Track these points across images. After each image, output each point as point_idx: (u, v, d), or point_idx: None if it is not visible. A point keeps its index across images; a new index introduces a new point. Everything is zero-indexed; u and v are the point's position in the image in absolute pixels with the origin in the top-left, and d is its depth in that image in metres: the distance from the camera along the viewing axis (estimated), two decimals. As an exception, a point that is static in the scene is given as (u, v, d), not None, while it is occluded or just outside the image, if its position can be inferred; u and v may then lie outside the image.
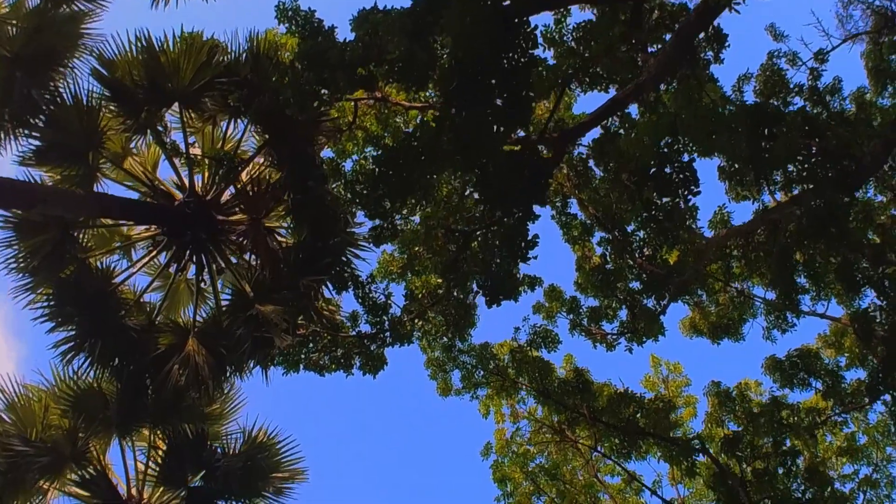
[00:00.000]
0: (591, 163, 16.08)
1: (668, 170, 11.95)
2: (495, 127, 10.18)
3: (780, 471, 15.04)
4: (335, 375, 16.45)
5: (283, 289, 14.44)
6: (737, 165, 13.34)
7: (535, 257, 12.38)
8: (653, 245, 15.62)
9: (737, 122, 11.28)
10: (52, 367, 14.95)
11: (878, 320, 13.59)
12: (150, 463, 15.01)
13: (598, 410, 15.80)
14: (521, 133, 12.63)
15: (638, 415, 15.52)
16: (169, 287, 16.36)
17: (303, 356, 16.08)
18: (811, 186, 11.73)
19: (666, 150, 11.91)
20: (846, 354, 17.16)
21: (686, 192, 11.40)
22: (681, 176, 11.99)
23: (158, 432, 15.03)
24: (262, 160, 15.67)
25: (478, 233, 13.60)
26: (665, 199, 14.47)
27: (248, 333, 14.24)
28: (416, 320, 15.66)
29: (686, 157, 12.26)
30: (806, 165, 11.07)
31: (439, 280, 15.38)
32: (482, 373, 17.39)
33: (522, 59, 10.35)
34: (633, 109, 14.76)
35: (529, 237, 12.28)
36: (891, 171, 15.49)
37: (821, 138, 11.00)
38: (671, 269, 15.05)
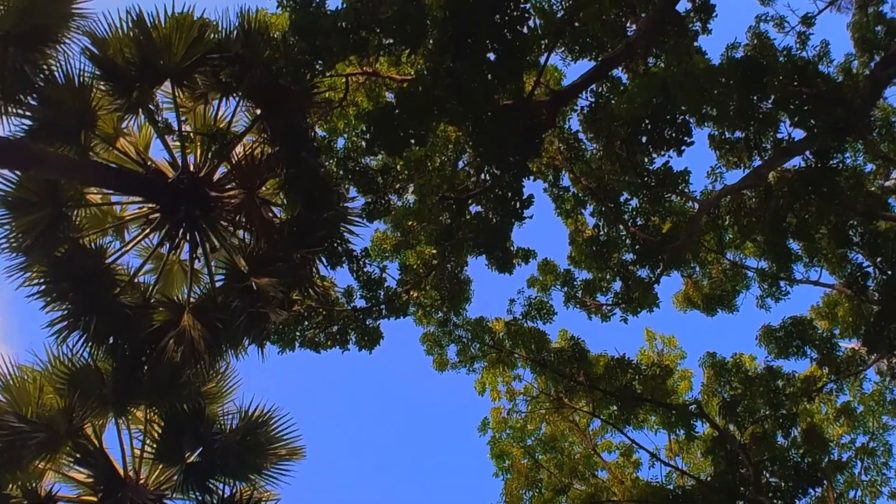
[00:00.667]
0: (583, 137, 16.17)
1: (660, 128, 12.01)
2: (489, 76, 10.25)
3: (779, 437, 15.08)
4: (331, 355, 16.43)
5: (277, 261, 14.45)
6: (727, 126, 13.42)
7: (531, 217, 12.44)
8: (645, 213, 15.76)
9: (728, 75, 11.38)
10: (46, 347, 14.90)
11: (872, 275, 13.67)
12: (147, 441, 14.92)
13: (594, 378, 15.80)
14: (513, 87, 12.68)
15: (634, 382, 15.54)
16: (161, 268, 16.31)
17: (298, 334, 16.03)
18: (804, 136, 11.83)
19: (658, 108, 11.97)
20: (839, 325, 17.22)
21: (680, 146, 11.46)
22: (672, 133, 12.09)
23: (155, 411, 14.93)
24: (254, 139, 15.73)
25: (471, 198, 13.63)
26: (657, 165, 14.66)
27: (243, 306, 14.21)
28: (411, 291, 15.66)
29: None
30: (797, 111, 11.16)
31: (433, 251, 15.41)
32: (478, 346, 17.39)
33: (515, 12, 10.46)
34: (624, 78, 14.90)
35: (524, 196, 12.31)
36: (880, 138, 15.65)
37: (811, 86, 11.11)
38: (664, 237, 15.13)
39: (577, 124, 16.13)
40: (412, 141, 11.37)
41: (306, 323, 16.08)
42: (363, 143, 16.07)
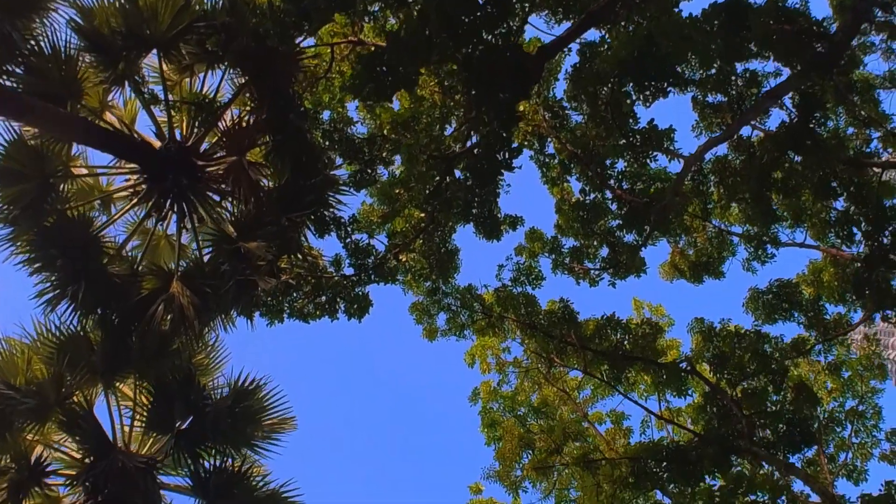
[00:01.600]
0: (567, 105, 16.34)
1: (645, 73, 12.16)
2: (478, 13, 10.37)
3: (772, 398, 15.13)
4: (322, 328, 16.45)
5: (266, 225, 14.47)
6: (711, 84, 13.58)
7: (520, 167, 12.52)
8: (631, 177, 15.92)
9: (711, 18, 11.56)
10: (34, 319, 14.80)
11: (858, 222, 13.80)
12: (137, 410, 14.82)
13: (585, 339, 15.85)
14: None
15: (625, 341, 15.61)
16: (148, 242, 16.27)
17: (286, 305, 16.01)
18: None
19: (643, 55, 12.13)
20: (825, 290, 17.35)
21: (665, 91, 11.62)
22: (654, 83, 12.25)
23: (144, 382, 14.83)
24: (240, 111, 15.78)
25: (459, 158, 13.71)
26: (642, 125, 14.84)
27: (232, 270, 14.18)
28: (399, 256, 15.70)
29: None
30: (780, 46, 11.34)
31: (422, 215, 15.48)
32: (467, 315, 17.41)
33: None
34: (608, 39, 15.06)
35: (512, 147, 12.41)
36: (861, 102, 15.89)
37: (793, 23, 11.32)
38: (650, 198, 15.28)
39: (562, 92, 16.36)
40: (400, 85, 11.45)
41: (295, 294, 16.06)
42: (349, 114, 16.28)
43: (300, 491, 15.14)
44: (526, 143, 16.23)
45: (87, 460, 14.00)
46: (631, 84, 12.46)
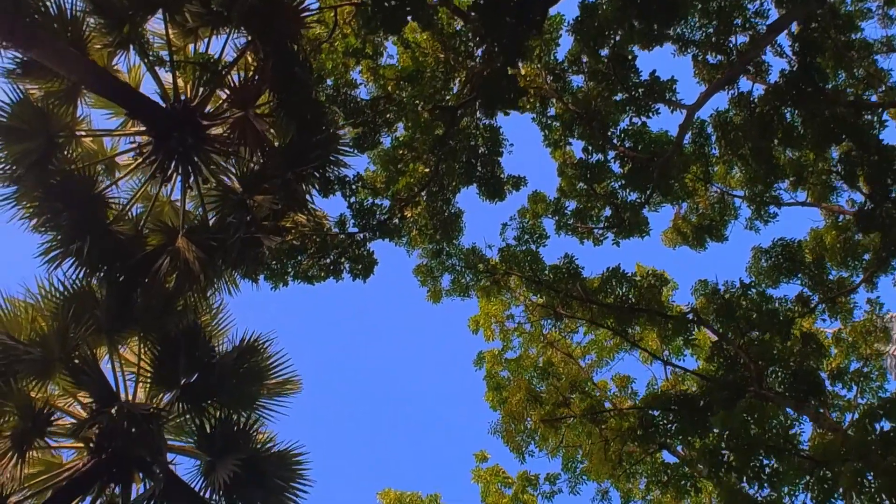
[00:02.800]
0: (569, 68, 16.46)
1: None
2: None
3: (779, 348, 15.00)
4: (327, 295, 16.41)
5: (271, 178, 14.51)
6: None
7: (524, 106, 12.54)
8: (633, 136, 16.01)
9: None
10: (38, 279, 14.73)
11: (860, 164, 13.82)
12: (143, 366, 14.71)
13: (590, 292, 15.80)
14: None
15: (630, 294, 15.56)
16: (151, 206, 16.26)
17: (290, 268, 15.98)
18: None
19: None
20: (828, 253, 17.35)
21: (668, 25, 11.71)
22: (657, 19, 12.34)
23: (149, 339, 14.72)
24: (243, 73, 15.84)
25: (463, 107, 13.78)
26: (644, 78, 14.97)
27: (238, 222, 14.21)
28: (404, 210, 15.71)
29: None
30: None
31: (427, 170, 15.52)
32: (471, 277, 17.37)
33: None
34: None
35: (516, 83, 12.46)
36: (858, 56, 16.04)
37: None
38: (652, 155, 15.37)
39: (563, 55, 16.50)
40: (410, 17, 11.55)
41: (300, 257, 16.03)
42: (352, 77, 16.38)
43: (308, 453, 14.94)
44: (528, 106, 16.33)
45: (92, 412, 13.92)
46: (634, 21, 12.55)
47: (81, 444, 14.88)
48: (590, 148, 16.12)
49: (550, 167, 17.40)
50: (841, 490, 10.88)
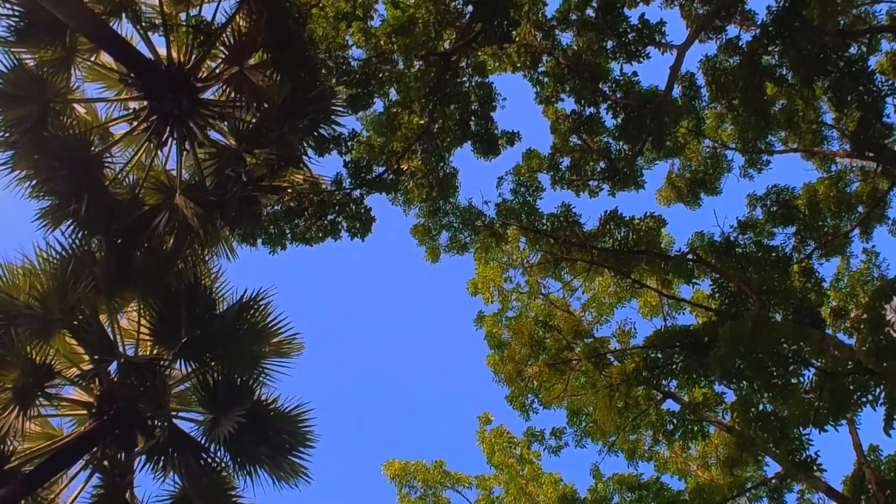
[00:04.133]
0: (557, 25, 16.53)
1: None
2: None
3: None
4: (326, 254, 16.23)
5: (268, 133, 14.45)
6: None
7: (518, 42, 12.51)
8: (625, 86, 16.06)
9: None
10: (35, 245, 14.58)
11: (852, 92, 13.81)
12: (144, 325, 14.54)
13: (589, 236, 15.70)
14: None
15: (629, 237, 15.45)
16: (148, 170, 16.13)
17: (288, 231, 15.87)
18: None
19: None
20: (822, 202, 17.35)
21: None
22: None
23: (150, 298, 14.54)
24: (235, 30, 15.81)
25: (455, 53, 13.79)
26: (633, 22, 15.07)
27: (236, 176, 14.10)
28: (400, 162, 15.64)
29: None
30: None
31: (422, 122, 15.49)
32: (468, 235, 17.22)
33: None
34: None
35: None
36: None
37: None
38: (645, 100, 15.42)
39: (552, 13, 16.58)
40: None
41: (297, 220, 15.90)
42: (344, 39, 16.38)
43: (313, 415, 14.71)
44: (519, 63, 16.36)
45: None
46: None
47: (84, 411, 14.70)
48: (582, 101, 16.14)
49: (543, 128, 17.38)
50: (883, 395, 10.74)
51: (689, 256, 15.39)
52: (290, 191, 15.67)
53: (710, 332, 13.84)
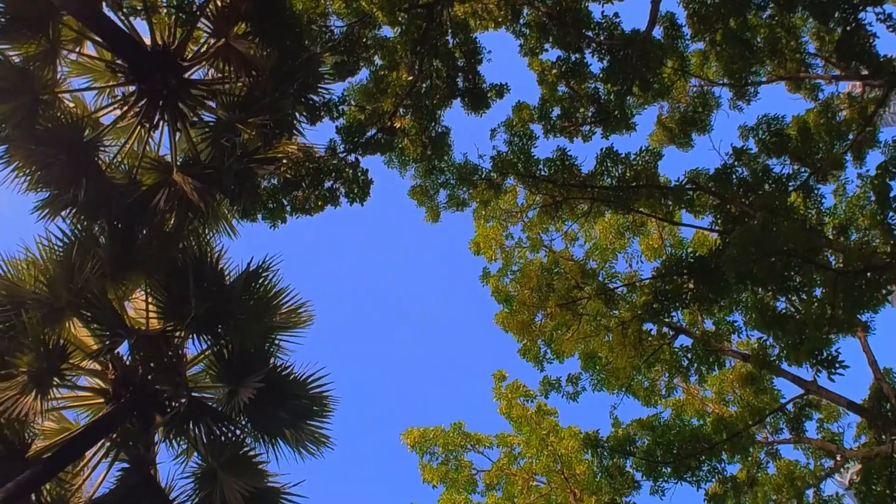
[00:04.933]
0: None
1: None
2: None
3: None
4: (325, 224, 16.17)
5: (260, 100, 14.41)
6: None
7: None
8: (608, 27, 16.09)
9: None
10: (36, 238, 14.44)
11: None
12: (152, 302, 14.43)
13: (587, 177, 15.67)
14: None
15: (627, 174, 15.42)
16: (142, 153, 16.05)
17: (287, 203, 15.82)
18: None
19: None
20: (813, 131, 17.37)
21: None
22: None
23: (156, 277, 14.44)
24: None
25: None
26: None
27: (231, 146, 14.07)
28: (392, 120, 15.62)
29: None
30: None
31: (410, 77, 15.48)
32: (466, 190, 17.19)
33: None
34: None
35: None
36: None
37: None
38: (628, 42, 15.46)
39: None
40: None
41: (295, 192, 15.86)
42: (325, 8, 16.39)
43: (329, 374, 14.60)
44: (500, 17, 16.37)
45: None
46: None
47: (101, 400, 14.55)
48: (568, 48, 16.16)
49: (530, 83, 17.36)
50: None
51: (688, 187, 15.35)
52: (285, 161, 15.59)
53: (717, 257, 13.81)
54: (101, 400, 14.46)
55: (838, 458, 20.23)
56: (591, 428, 18.74)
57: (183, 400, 13.20)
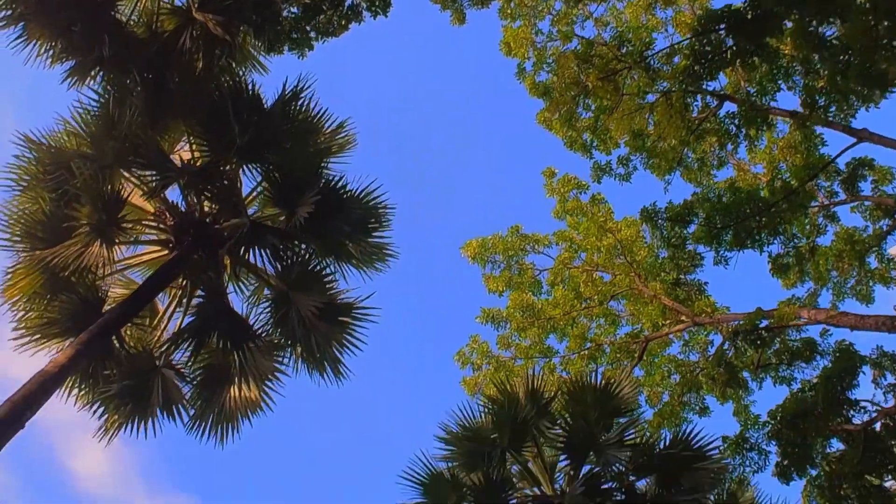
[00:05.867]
0: None
1: None
2: None
3: None
4: (353, 48, 15.85)
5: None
6: None
7: None
8: None
9: None
10: (69, 106, 14.39)
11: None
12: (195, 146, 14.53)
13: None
14: None
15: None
16: (157, 6, 15.75)
17: (310, 30, 15.58)
18: None
19: None
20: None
21: None
22: None
23: (196, 117, 14.45)
24: None
25: None
26: None
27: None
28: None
29: None
30: None
31: None
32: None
33: None
34: None
35: None
36: None
37: None
38: None
39: None
40: None
41: (317, 17, 15.58)
42: None
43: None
44: None
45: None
46: None
47: (164, 252, 14.81)
48: None
49: None
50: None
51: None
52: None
53: (753, 7, 13.36)
54: (165, 252, 14.75)
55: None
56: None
57: (245, 226, 13.44)
